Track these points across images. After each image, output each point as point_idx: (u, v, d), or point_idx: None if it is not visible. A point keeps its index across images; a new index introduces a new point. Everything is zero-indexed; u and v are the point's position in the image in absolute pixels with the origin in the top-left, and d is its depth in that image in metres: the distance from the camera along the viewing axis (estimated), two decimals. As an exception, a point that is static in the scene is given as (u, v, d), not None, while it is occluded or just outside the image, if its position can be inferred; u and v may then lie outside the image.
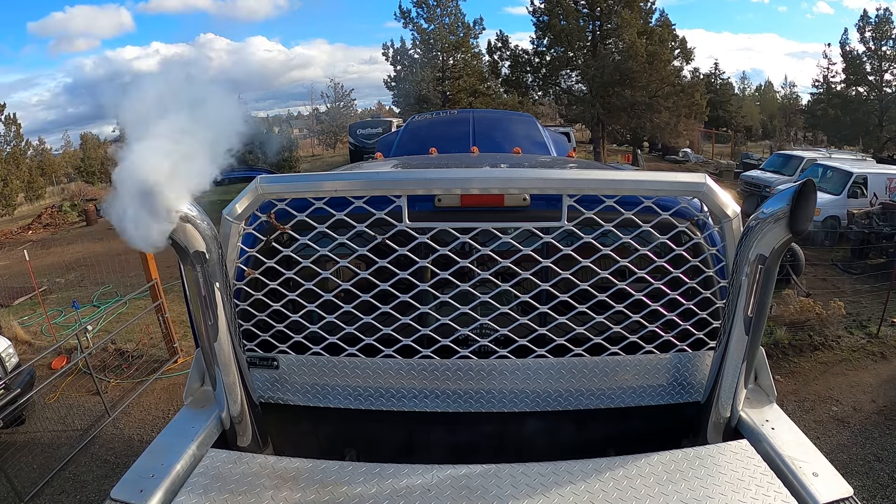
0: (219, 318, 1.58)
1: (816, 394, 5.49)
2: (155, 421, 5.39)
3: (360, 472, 1.55)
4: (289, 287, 1.92)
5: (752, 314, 1.56)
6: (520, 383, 1.94)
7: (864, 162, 13.98)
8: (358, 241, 1.88)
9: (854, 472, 4.23)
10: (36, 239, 16.22)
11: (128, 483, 1.53)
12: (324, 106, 36.65)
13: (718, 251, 1.86)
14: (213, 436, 1.78)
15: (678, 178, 1.74)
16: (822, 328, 6.49)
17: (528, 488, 1.48)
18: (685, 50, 22.32)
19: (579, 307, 1.89)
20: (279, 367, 1.99)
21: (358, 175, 1.90)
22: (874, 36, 24.87)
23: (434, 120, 5.49)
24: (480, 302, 1.90)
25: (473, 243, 1.85)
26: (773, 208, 1.45)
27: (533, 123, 4.95)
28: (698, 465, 1.55)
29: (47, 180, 26.50)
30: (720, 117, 32.69)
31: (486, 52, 24.55)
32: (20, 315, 8.48)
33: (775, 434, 1.67)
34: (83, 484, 4.49)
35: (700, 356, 1.94)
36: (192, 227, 1.41)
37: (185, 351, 6.63)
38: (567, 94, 23.83)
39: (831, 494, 1.44)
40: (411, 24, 25.34)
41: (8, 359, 5.31)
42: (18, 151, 22.58)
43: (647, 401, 1.96)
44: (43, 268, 11.08)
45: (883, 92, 24.91)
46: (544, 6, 22.36)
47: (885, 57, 24.86)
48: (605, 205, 1.77)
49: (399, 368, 1.95)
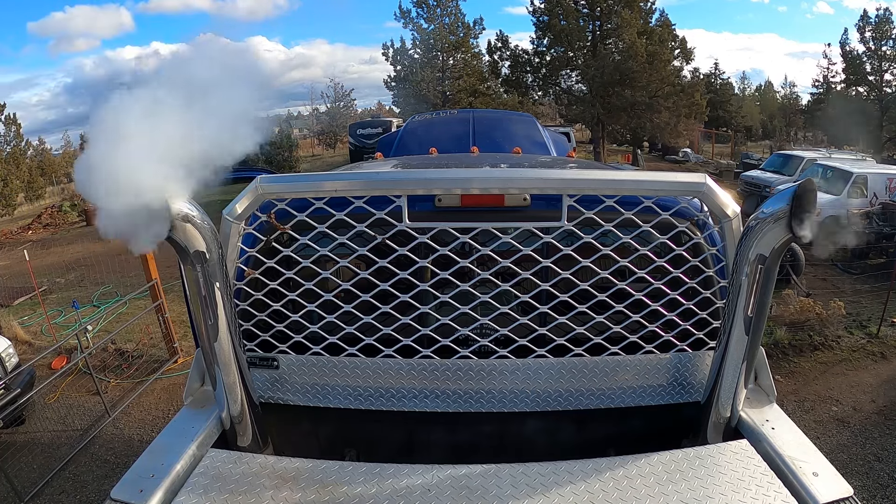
0: (219, 318, 1.59)
1: (816, 394, 5.49)
2: (155, 421, 5.39)
3: (360, 472, 1.55)
4: (289, 287, 1.92)
5: (752, 314, 1.56)
6: (520, 383, 1.94)
7: (863, 162, 13.97)
8: (358, 241, 1.88)
9: (854, 472, 4.23)
10: (36, 239, 16.22)
11: (128, 483, 1.53)
12: (324, 106, 36.70)
13: (718, 251, 1.86)
14: (213, 436, 1.78)
15: (678, 178, 1.74)
16: (822, 328, 6.49)
17: (528, 488, 1.48)
18: (685, 50, 22.32)
19: (579, 307, 1.89)
20: (279, 367, 1.99)
21: (358, 175, 1.90)
22: (874, 36, 24.88)
23: (434, 120, 5.49)
24: (480, 302, 1.90)
25: (473, 243, 1.85)
26: (772, 208, 1.45)
27: (533, 123, 4.95)
28: (698, 465, 1.55)
29: (47, 180, 26.54)
30: (720, 117, 32.69)
31: (486, 52, 24.58)
32: (20, 315, 8.47)
33: (775, 434, 1.67)
34: (83, 484, 4.49)
35: (700, 356, 1.94)
36: (191, 226, 1.42)
37: (185, 351, 6.63)
38: (567, 94, 23.83)
39: (831, 494, 1.44)
40: (411, 24, 25.37)
41: (8, 359, 5.31)
42: (18, 151, 22.60)
43: (647, 401, 1.96)
44: (43, 268, 11.08)
45: (883, 92, 24.92)
46: (544, 6, 22.37)
47: (885, 57, 24.88)
48: (605, 205, 1.77)
49: (399, 368, 1.95)
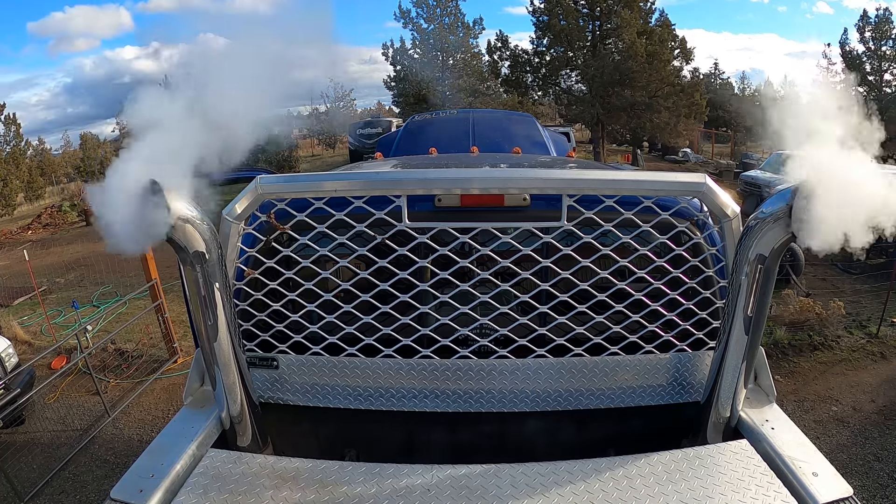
0: (219, 318, 1.59)
1: (816, 394, 5.48)
2: (155, 421, 5.38)
3: (360, 472, 1.55)
4: (288, 287, 1.92)
5: (752, 314, 1.57)
6: (520, 383, 1.94)
7: None
8: (358, 241, 1.88)
9: (854, 472, 4.23)
10: (36, 239, 16.21)
11: (128, 483, 1.54)
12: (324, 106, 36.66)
13: (718, 251, 1.86)
14: (213, 436, 1.78)
15: (678, 178, 1.74)
16: (821, 328, 6.48)
17: (527, 488, 1.48)
18: (685, 50, 22.29)
19: (579, 307, 1.89)
20: (279, 367, 1.99)
21: (358, 175, 1.90)
22: (874, 36, 24.86)
23: (434, 120, 5.49)
24: (480, 302, 1.90)
25: (473, 243, 1.85)
26: (772, 208, 1.45)
27: (533, 123, 4.96)
28: (698, 465, 1.55)
29: (47, 180, 26.52)
30: (720, 117, 32.64)
31: (486, 52, 24.55)
32: (20, 315, 8.47)
33: (775, 434, 1.67)
34: (83, 484, 4.49)
35: (700, 356, 1.94)
36: (191, 227, 1.42)
37: (185, 351, 6.63)
38: (567, 94, 23.82)
39: (831, 494, 1.45)
40: (411, 24, 25.35)
41: (8, 359, 5.31)
42: (18, 151, 22.59)
43: (646, 401, 1.96)
44: (43, 268, 11.07)
45: (883, 92, 24.90)
46: (544, 6, 22.34)
47: (884, 57, 24.83)
48: (605, 205, 1.76)
49: (399, 368, 1.95)
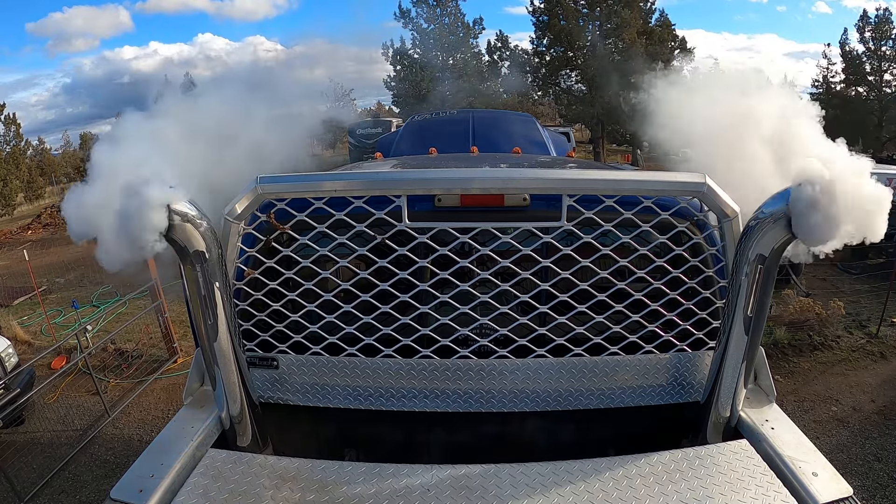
0: (219, 318, 1.59)
1: (816, 394, 5.49)
2: (155, 421, 5.39)
3: (359, 472, 1.55)
4: (288, 287, 1.92)
5: (752, 314, 1.56)
6: (520, 383, 1.94)
7: None
8: (358, 241, 1.87)
9: (854, 472, 4.23)
10: (36, 239, 16.22)
11: (127, 483, 1.54)
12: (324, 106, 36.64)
13: (718, 251, 1.86)
14: (213, 436, 1.78)
15: (678, 178, 1.74)
16: (821, 328, 6.49)
17: (527, 488, 1.48)
18: (685, 50, 22.33)
19: (579, 307, 1.88)
20: (279, 367, 1.99)
21: (358, 175, 1.90)
22: (874, 36, 24.85)
23: (434, 120, 5.48)
24: (480, 302, 1.90)
25: (473, 243, 1.85)
26: (772, 208, 1.45)
27: (532, 123, 4.95)
28: (698, 465, 1.55)
29: (47, 180, 26.52)
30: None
31: (486, 53, 24.58)
32: (20, 315, 8.48)
33: (775, 434, 1.67)
34: (83, 484, 4.49)
35: (700, 356, 1.94)
36: (191, 226, 1.42)
37: (185, 351, 6.64)
38: (567, 94, 23.83)
39: (831, 494, 1.45)
40: (411, 23, 25.37)
41: (8, 359, 5.32)
42: (18, 151, 22.60)
43: (646, 401, 1.96)
44: (43, 268, 11.09)
45: (883, 92, 24.89)
46: (544, 6, 22.37)
47: (884, 57, 24.83)
48: (605, 205, 1.76)
49: (399, 368, 1.95)
